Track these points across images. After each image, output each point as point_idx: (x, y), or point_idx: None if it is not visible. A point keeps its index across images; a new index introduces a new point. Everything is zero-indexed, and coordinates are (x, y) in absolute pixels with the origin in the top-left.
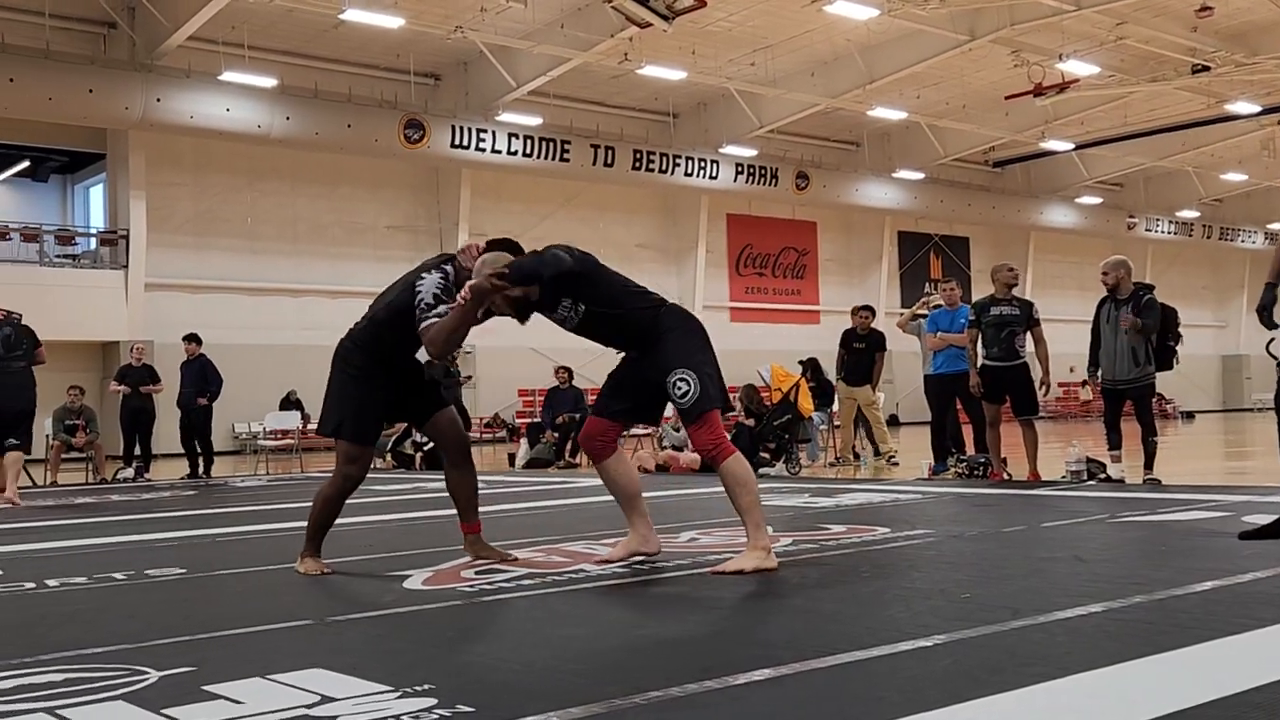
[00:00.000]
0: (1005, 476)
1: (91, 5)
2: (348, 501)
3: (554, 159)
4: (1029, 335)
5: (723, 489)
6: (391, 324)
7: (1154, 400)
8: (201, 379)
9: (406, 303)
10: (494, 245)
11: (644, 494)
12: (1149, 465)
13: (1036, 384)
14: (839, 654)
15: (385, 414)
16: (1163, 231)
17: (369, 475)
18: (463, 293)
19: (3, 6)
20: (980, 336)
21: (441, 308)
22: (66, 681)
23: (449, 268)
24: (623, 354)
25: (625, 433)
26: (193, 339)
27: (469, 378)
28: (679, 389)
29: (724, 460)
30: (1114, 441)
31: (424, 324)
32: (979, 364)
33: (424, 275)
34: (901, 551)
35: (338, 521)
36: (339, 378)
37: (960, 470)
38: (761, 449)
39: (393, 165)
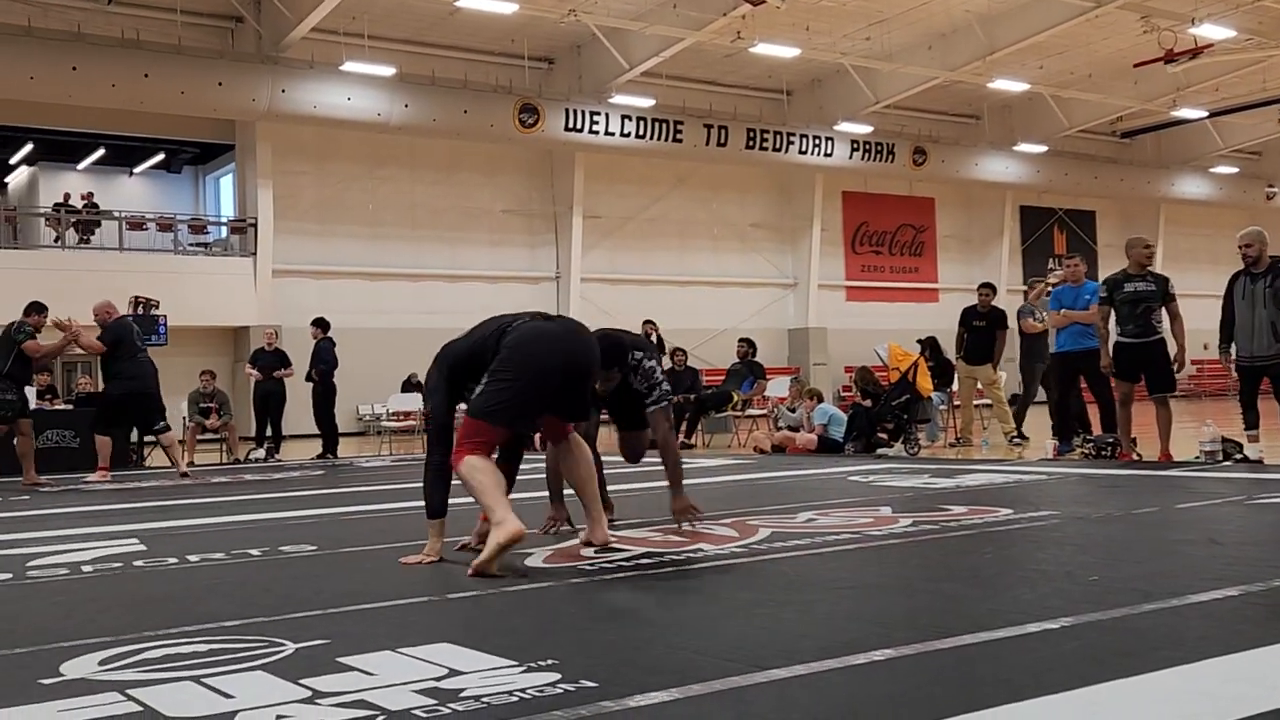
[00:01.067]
0: (1135, 457)
1: (220, 0)
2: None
3: (667, 140)
4: (1165, 311)
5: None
6: None
7: None
8: (316, 360)
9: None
10: None
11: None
12: None
13: (1173, 361)
14: (961, 635)
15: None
16: None
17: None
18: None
19: (137, 5)
20: (1114, 313)
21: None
22: (210, 652)
23: None
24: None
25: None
26: (315, 324)
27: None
28: None
29: (455, 468)
30: (1251, 421)
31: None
32: (1111, 342)
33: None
34: (1025, 533)
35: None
36: None
37: (1086, 451)
38: (879, 429)
39: (508, 150)
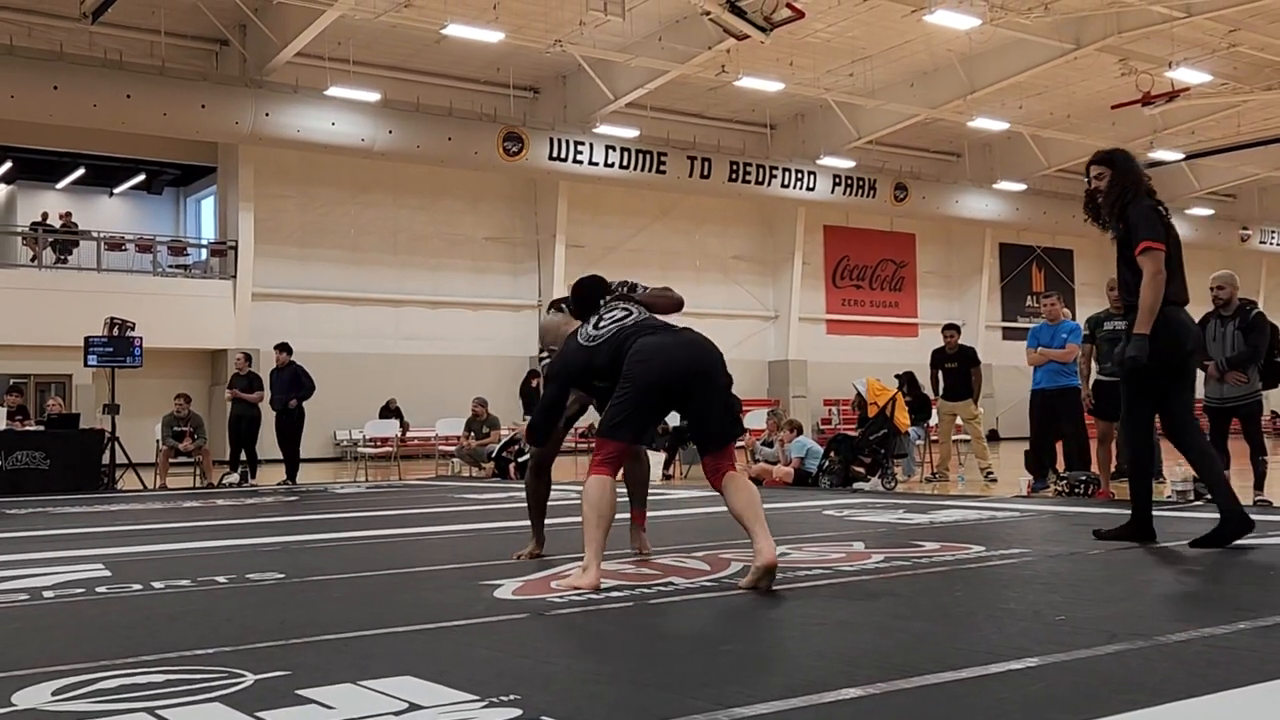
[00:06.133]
0: (1112, 495)
1: (204, 23)
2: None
3: (651, 171)
4: None
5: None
6: None
7: (1264, 418)
8: (294, 384)
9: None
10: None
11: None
12: (1259, 485)
13: None
14: (927, 674)
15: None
16: (1278, 244)
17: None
18: None
19: (120, 25)
20: (1094, 351)
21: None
22: (167, 682)
23: None
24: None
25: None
26: (282, 348)
27: None
28: None
29: (585, 482)
30: (1222, 463)
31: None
32: (1093, 379)
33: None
34: (995, 571)
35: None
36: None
37: (1060, 488)
38: (856, 463)
39: (491, 177)
